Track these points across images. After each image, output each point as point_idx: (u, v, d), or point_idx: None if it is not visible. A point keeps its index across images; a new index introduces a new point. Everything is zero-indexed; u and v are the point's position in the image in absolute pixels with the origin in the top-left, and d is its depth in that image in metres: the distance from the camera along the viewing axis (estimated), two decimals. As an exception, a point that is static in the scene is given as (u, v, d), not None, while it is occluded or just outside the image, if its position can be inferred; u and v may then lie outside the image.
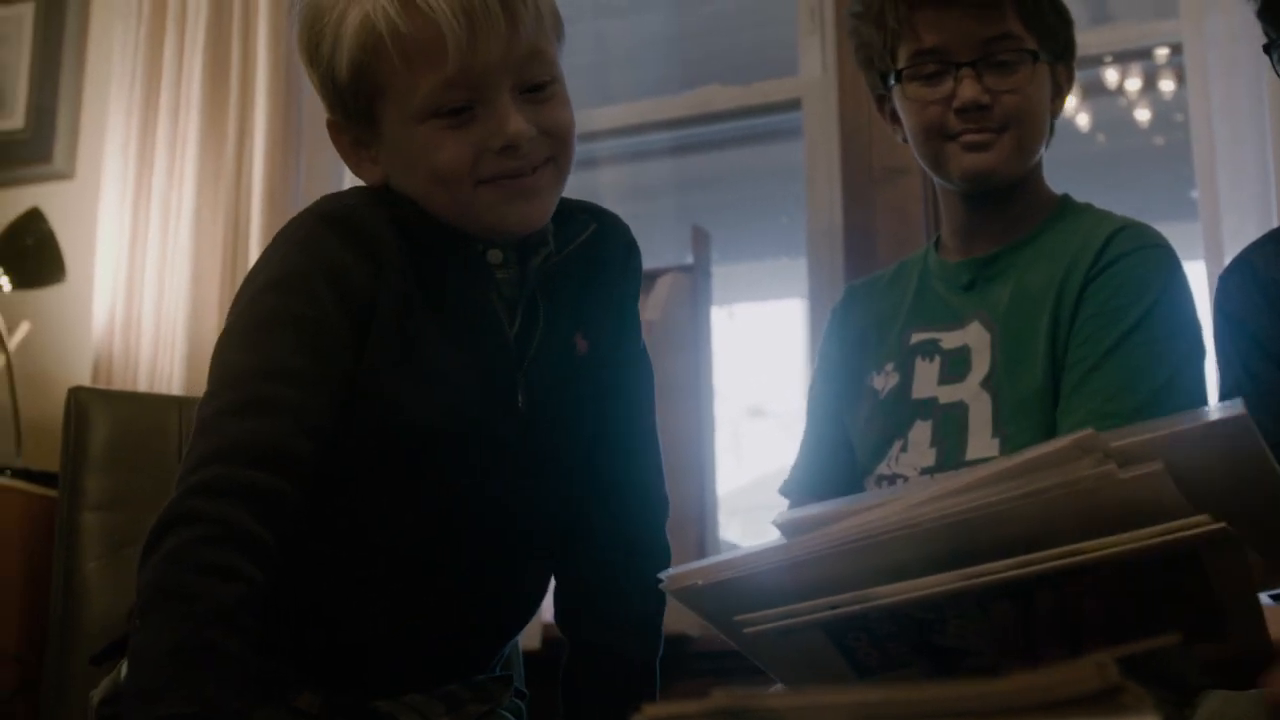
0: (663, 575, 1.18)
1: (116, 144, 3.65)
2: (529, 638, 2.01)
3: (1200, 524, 1.00)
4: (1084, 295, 1.83)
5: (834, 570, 1.11)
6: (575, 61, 1.59)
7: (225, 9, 3.62)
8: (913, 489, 1.15)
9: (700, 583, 1.18)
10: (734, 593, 1.16)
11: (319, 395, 1.45)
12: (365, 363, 1.49)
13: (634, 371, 1.72)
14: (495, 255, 1.57)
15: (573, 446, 1.65)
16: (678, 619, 3.61)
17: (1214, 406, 1.14)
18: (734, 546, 3.48)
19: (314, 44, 1.51)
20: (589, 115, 3.84)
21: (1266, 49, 1.80)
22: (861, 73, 2.05)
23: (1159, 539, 1.01)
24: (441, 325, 1.53)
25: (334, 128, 1.57)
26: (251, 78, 3.57)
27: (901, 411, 1.91)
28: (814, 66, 3.52)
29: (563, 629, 1.71)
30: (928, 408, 1.89)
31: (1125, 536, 1.02)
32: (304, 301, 1.47)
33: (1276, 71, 1.79)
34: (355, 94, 1.50)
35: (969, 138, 1.88)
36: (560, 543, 1.67)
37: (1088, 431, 1.05)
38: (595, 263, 1.65)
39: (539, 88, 1.51)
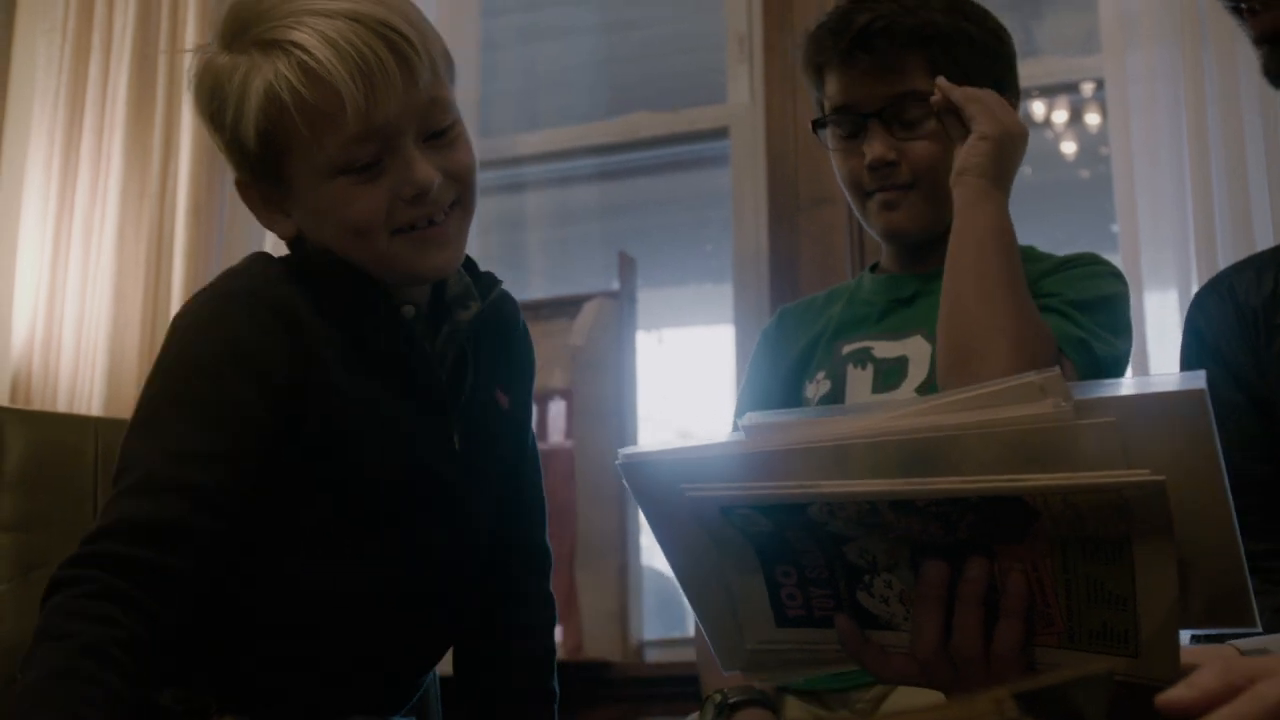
0: (621, 451, 1.19)
1: (39, 160, 3.61)
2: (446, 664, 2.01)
3: (1139, 475, 1.02)
4: (1038, 290, 1.86)
5: (789, 469, 1.12)
6: (503, 87, 1.62)
7: (151, 27, 3.60)
8: (880, 409, 1.17)
9: (655, 458, 1.19)
10: (686, 473, 1.17)
11: (223, 472, 1.45)
12: (310, 421, 1.50)
13: (531, 435, 1.78)
14: (408, 310, 1.59)
15: (494, 491, 1.68)
16: (598, 645, 3.59)
17: (1175, 375, 1.16)
18: (658, 573, 3.49)
19: (216, 110, 1.52)
20: (516, 140, 3.84)
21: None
22: (790, 102, 2.10)
23: (1099, 480, 1.03)
24: (377, 378, 1.55)
25: (242, 186, 1.59)
26: (177, 96, 3.54)
27: None
28: (742, 95, 3.55)
29: (459, 665, 1.75)
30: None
31: (1066, 474, 1.04)
32: (208, 386, 1.48)
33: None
34: (262, 156, 1.52)
35: (881, 196, 1.93)
36: (480, 582, 1.70)
37: (1054, 372, 1.07)
38: (505, 320, 1.71)
39: (441, 133, 1.54)
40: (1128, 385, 1.12)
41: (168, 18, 3.58)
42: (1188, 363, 1.79)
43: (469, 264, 1.66)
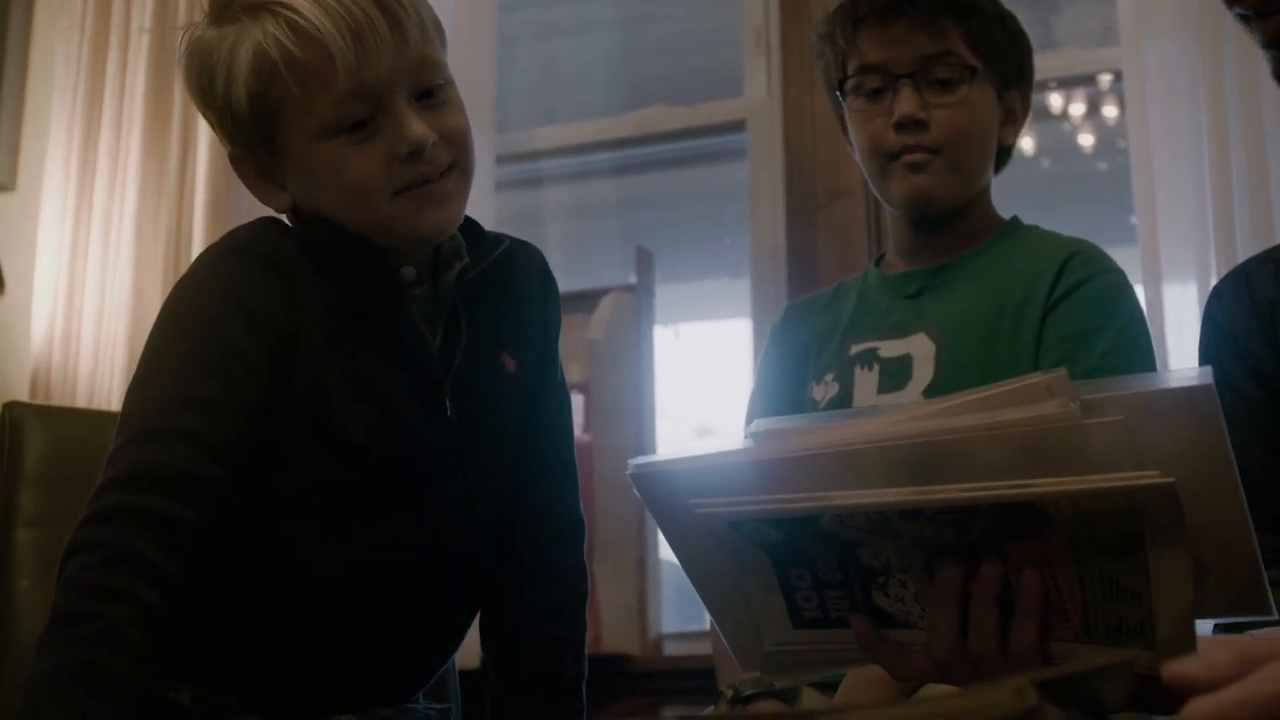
0: (631, 461, 1.19)
1: (58, 157, 3.62)
2: (469, 657, 2.01)
3: (1148, 478, 1.02)
4: (1048, 321, 1.85)
5: (799, 476, 1.12)
6: (520, 82, 1.61)
7: (169, 23, 3.60)
8: (888, 412, 1.17)
9: (665, 468, 1.19)
10: (697, 482, 1.16)
11: (227, 421, 1.45)
12: (298, 383, 1.50)
13: (555, 397, 1.73)
14: (409, 272, 1.58)
15: (501, 460, 1.66)
16: (617, 639, 3.59)
17: (1181, 372, 1.15)
18: (676, 566, 3.48)
19: (206, 82, 1.53)
20: (533, 135, 3.84)
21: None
22: (808, 96, 2.08)
23: (1108, 484, 1.02)
24: (365, 341, 1.55)
25: (236, 160, 1.59)
26: (195, 92, 3.55)
27: None
28: (759, 89, 3.54)
29: (487, 651, 1.72)
30: None
31: (1074, 478, 1.04)
32: (208, 335, 1.48)
33: None
34: (255, 124, 1.52)
35: (907, 158, 1.91)
36: (493, 561, 1.67)
37: (1060, 372, 1.07)
38: (512, 280, 1.68)
39: (432, 92, 1.54)
40: (1135, 382, 1.12)
41: (185, 14, 3.58)
42: (1205, 353, 1.78)
43: (470, 225, 1.64)
